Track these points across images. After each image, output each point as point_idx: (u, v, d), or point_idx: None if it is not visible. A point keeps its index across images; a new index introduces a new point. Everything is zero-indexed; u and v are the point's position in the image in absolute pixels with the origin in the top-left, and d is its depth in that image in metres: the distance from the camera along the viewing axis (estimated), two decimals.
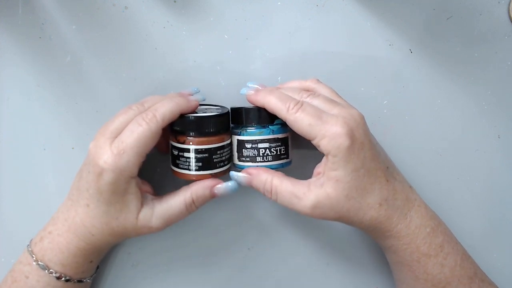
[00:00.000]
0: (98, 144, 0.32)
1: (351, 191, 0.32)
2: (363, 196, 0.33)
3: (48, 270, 0.34)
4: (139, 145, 0.32)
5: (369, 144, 0.33)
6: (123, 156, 0.31)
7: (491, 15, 0.43)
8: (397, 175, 0.35)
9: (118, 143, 0.32)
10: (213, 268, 0.41)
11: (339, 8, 0.43)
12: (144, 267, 0.41)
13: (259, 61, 0.42)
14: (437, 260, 0.34)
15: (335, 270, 0.41)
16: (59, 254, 0.34)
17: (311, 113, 0.32)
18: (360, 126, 0.32)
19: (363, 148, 0.32)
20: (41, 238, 0.35)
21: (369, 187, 0.33)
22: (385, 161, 0.35)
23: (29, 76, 0.41)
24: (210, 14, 0.42)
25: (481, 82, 0.43)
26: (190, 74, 0.42)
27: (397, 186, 0.34)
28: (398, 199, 0.34)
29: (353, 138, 0.31)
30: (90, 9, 0.42)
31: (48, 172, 0.41)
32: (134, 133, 0.32)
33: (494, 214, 0.42)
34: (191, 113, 0.35)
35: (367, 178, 0.32)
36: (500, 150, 0.43)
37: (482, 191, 0.42)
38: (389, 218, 0.33)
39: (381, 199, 0.33)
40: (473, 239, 0.41)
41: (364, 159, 0.32)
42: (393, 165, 0.36)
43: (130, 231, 0.34)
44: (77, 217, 0.34)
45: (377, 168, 0.33)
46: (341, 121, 0.32)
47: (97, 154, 0.32)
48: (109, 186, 0.32)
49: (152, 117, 0.32)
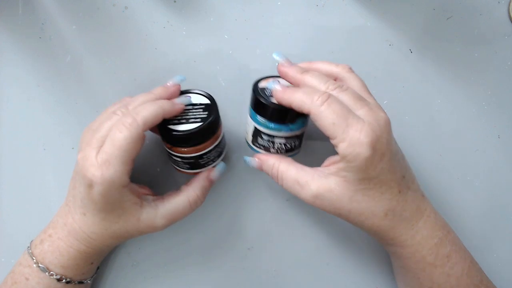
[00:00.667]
0: (85, 155, 0.31)
1: (356, 195, 0.31)
2: (368, 203, 0.31)
3: (49, 272, 0.34)
4: (123, 154, 0.30)
5: (389, 154, 0.31)
6: (110, 168, 0.30)
7: (491, 15, 0.43)
8: (412, 184, 0.33)
9: (102, 155, 0.31)
10: (213, 268, 0.41)
11: (339, 8, 0.43)
12: (144, 267, 0.41)
13: (259, 61, 0.42)
14: (443, 269, 0.33)
15: (335, 270, 0.41)
16: (60, 257, 0.34)
17: (336, 111, 0.30)
18: (384, 135, 0.30)
19: (382, 160, 0.30)
20: (41, 240, 0.35)
21: (378, 196, 0.31)
22: (403, 169, 0.33)
23: (29, 76, 0.41)
24: (210, 14, 0.42)
25: (481, 82, 0.43)
26: (190, 74, 0.42)
27: (409, 197, 0.32)
28: (407, 210, 0.32)
29: (374, 149, 0.29)
30: (90, 9, 0.42)
31: (48, 172, 0.41)
32: (116, 141, 0.30)
33: (494, 214, 0.42)
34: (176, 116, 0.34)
35: (378, 188, 0.31)
36: (500, 150, 0.43)
37: (482, 191, 0.42)
38: (393, 228, 0.32)
39: (388, 209, 0.32)
40: (473, 239, 0.41)
41: (381, 170, 0.30)
42: (410, 172, 0.34)
43: (133, 233, 0.34)
44: (75, 224, 0.34)
45: (392, 179, 0.31)
46: (367, 129, 0.29)
47: (85, 167, 0.31)
48: (101, 197, 0.31)
49: (133, 122, 0.31)
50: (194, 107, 0.35)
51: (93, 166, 0.30)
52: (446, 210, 0.41)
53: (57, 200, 0.41)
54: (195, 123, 0.33)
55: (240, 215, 0.41)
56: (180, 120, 0.34)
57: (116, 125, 0.31)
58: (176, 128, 0.33)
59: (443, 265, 0.33)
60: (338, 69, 0.35)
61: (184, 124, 0.33)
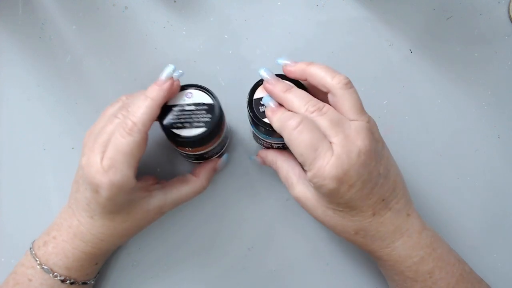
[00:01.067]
0: (89, 161, 0.31)
1: (327, 210, 0.32)
2: (339, 220, 0.32)
3: (53, 273, 0.34)
4: (128, 158, 0.31)
5: (360, 184, 0.30)
6: (116, 173, 0.30)
7: (491, 15, 0.43)
8: (395, 203, 0.33)
9: (107, 161, 0.30)
10: (213, 268, 0.41)
11: (339, 8, 0.43)
12: (144, 267, 0.41)
13: (259, 61, 0.42)
14: (425, 284, 0.33)
15: (335, 270, 0.41)
16: (64, 259, 0.34)
17: (306, 140, 0.29)
18: (355, 167, 0.29)
19: (350, 190, 0.30)
20: (44, 242, 0.35)
21: (348, 218, 0.32)
22: (384, 191, 0.32)
23: (29, 76, 0.41)
24: (210, 14, 0.42)
25: (481, 82, 0.43)
26: (190, 74, 0.42)
27: (386, 219, 0.32)
28: (381, 231, 0.32)
29: (340, 182, 0.29)
30: (90, 9, 0.42)
31: (48, 172, 0.41)
32: (119, 147, 0.30)
33: (494, 214, 0.42)
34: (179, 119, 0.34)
35: (348, 211, 0.31)
36: (500, 150, 0.43)
37: (482, 191, 0.42)
38: (366, 245, 0.33)
39: (358, 229, 0.32)
40: (473, 239, 0.41)
41: (349, 199, 0.30)
42: (397, 190, 0.33)
43: (143, 225, 0.36)
44: (82, 227, 0.34)
45: (364, 205, 0.31)
46: (333, 162, 0.29)
47: (91, 173, 0.31)
48: (110, 202, 0.31)
49: (133, 126, 0.31)
50: (197, 108, 0.34)
51: (98, 173, 0.30)
52: (446, 210, 0.41)
53: (57, 200, 0.41)
54: (198, 128, 0.34)
55: (241, 215, 0.41)
56: (184, 124, 0.34)
57: (117, 130, 0.31)
58: (180, 133, 0.33)
59: (425, 280, 0.33)
60: (332, 83, 0.32)
61: (187, 129, 0.34)
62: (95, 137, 0.32)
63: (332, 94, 0.32)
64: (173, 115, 0.34)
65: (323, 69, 0.32)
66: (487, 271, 0.36)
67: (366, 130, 0.30)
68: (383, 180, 0.32)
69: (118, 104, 0.35)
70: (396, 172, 0.33)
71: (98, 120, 0.35)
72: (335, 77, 0.32)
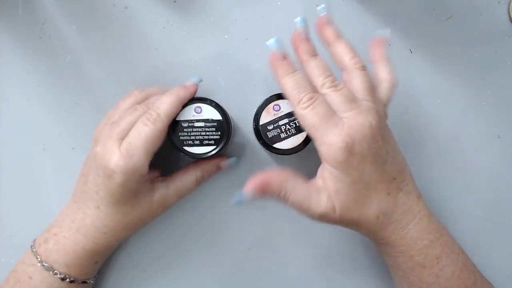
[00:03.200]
0: (106, 147, 0.32)
1: (350, 203, 0.32)
2: (361, 209, 0.32)
3: (53, 271, 0.34)
4: (148, 145, 0.32)
5: (372, 157, 0.31)
6: (134, 157, 0.32)
7: (491, 15, 0.43)
8: (405, 185, 0.34)
9: (127, 145, 0.32)
10: (213, 268, 0.41)
11: (339, 8, 0.43)
12: (144, 267, 0.41)
13: (259, 61, 0.42)
14: (432, 270, 0.33)
15: (335, 270, 0.41)
16: (65, 256, 0.34)
17: (319, 114, 0.31)
18: (366, 138, 0.30)
19: (362, 161, 0.31)
20: (45, 239, 0.35)
21: (367, 200, 0.32)
22: (394, 171, 0.33)
23: (29, 76, 0.41)
24: (210, 14, 0.42)
25: (481, 82, 0.43)
26: (190, 74, 0.42)
27: (399, 199, 0.33)
28: (397, 212, 0.33)
29: (351, 152, 0.30)
30: (90, 9, 0.42)
31: (48, 172, 0.41)
32: (142, 134, 0.32)
33: (494, 214, 0.42)
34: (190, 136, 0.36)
35: (365, 191, 0.32)
36: (500, 150, 0.43)
37: (482, 191, 0.42)
38: (383, 230, 0.33)
39: (378, 212, 0.32)
40: (473, 239, 0.41)
41: (363, 172, 0.31)
42: (405, 174, 0.34)
43: (146, 219, 0.36)
44: (87, 219, 0.34)
45: (378, 181, 0.32)
46: (345, 133, 0.30)
47: (106, 157, 0.32)
48: (121, 187, 0.32)
49: (157, 117, 0.33)
50: (206, 125, 0.36)
51: (115, 156, 0.32)
52: (446, 210, 0.41)
53: (57, 200, 0.41)
54: (208, 146, 0.36)
55: (240, 215, 0.41)
56: (194, 141, 0.36)
57: (141, 119, 0.33)
58: (191, 151, 0.36)
59: (432, 266, 0.33)
60: (350, 62, 0.34)
61: (198, 146, 0.36)
62: (112, 127, 0.34)
63: (347, 72, 0.34)
64: (184, 132, 0.35)
65: (347, 48, 0.34)
66: (487, 271, 0.36)
67: (375, 110, 0.32)
68: (392, 160, 0.33)
69: (130, 99, 0.37)
70: (402, 158, 0.34)
71: (111, 113, 0.36)
72: (354, 58, 0.34)
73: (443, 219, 0.36)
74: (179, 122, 0.35)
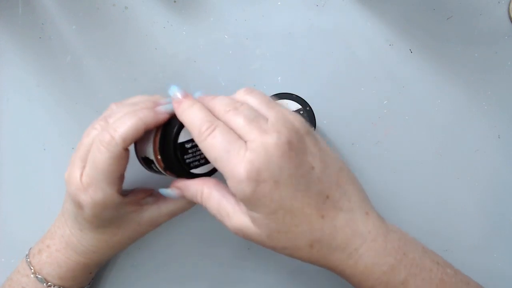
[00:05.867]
0: (70, 176, 0.30)
1: (272, 233, 0.27)
2: (287, 239, 0.27)
3: (47, 283, 0.34)
4: (107, 175, 0.29)
5: (288, 179, 0.26)
6: (97, 191, 0.29)
7: (491, 15, 0.43)
8: (346, 201, 0.28)
9: (86, 178, 0.29)
10: (213, 268, 0.41)
11: (339, 8, 0.43)
12: (144, 267, 0.41)
13: (259, 61, 0.42)
14: None
15: None
16: (58, 269, 0.34)
17: (219, 143, 0.26)
18: (274, 160, 0.26)
19: (276, 187, 0.26)
20: (39, 250, 0.35)
21: (294, 229, 0.27)
22: (326, 188, 0.28)
23: (29, 76, 0.41)
24: (210, 14, 0.42)
25: (481, 82, 0.43)
26: (190, 74, 0.42)
27: (338, 221, 0.28)
28: (337, 238, 0.28)
29: (258, 180, 0.25)
30: (90, 9, 0.42)
31: (48, 172, 0.41)
32: (98, 164, 0.29)
33: (494, 214, 0.42)
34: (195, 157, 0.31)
35: (290, 220, 0.27)
36: (500, 150, 0.43)
37: (482, 191, 0.42)
38: (325, 259, 0.28)
39: (311, 240, 0.27)
40: (473, 239, 0.41)
41: (280, 199, 0.26)
42: (344, 186, 0.29)
43: (135, 237, 0.35)
44: (73, 237, 0.34)
45: (303, 205, 0.27)
46: (246, 160, 0.26)
47: (72, 189, 0.30)
48: (95, 218, 0.31)
49: (110, 140, 0.28)
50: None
51: (79, 190, 0.29)
52: (446, 210, 0.41)
53: (57, 200, 0.40)
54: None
55: None
56: (199, 160, 0.32)
57: (95, 143, 0.29)
58: (199, 172, 0.32)
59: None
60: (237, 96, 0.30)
61: (203, 166, 0.32)
62: (75, 151, 0.31)
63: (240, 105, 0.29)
64: (189, 154, 0.31)
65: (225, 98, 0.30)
66: (487, 271, 0.36)
67: (284, 120, 0.27)
68: (321, 175, 0.28)
69: (104, 114, 0.33)
70: (339, 166, 0.29)
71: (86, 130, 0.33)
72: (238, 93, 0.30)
73: (443, 219, 0.36)
74: (183, 144, 0.31)
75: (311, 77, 0.41)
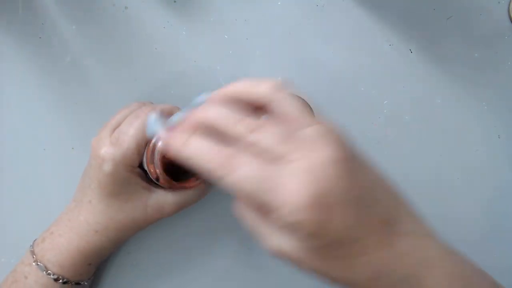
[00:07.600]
0: (99, 137, 0.33)
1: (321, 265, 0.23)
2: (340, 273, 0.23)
3: (46, 271, 0.34)
4: (138, 134, 0.32)
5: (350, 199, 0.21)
6: (123, 144, 0.32)
7: (491, 15, 0.43)
8: (408, 223, 0.24)
9: (117, 133, 0.33)
10: (213, 267, 0.41)
11: (339, 8, 0.43)
12: (144, 267, 0.41)
13: (259, 61, 0.42)
14: None
15: None
16: (58, 255, 0.34)
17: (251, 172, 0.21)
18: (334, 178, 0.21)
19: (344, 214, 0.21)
20: (43, 238, 0.35)
21: (351, 263, 0.22)
22: (383, 212, 0.23)
23: (29, 76, 0.41)
24: (210, 14, 0.42)
25: (481, 82, 0.43)
26: (190, 74, 0.42)
27: (404, 246, 0.23)
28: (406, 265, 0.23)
29: (324, 206, 0.20)
30: (90, 9, 0.42)
31: (48, 172, 0.41)
32: (133, 123, 0.33)
33: (494, 214, 0.42)
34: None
35: (348, 251, 0.22)
36: (500, 150, 0.43)
37: (482, 191, 0.42)
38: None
39: (370, 273, 0.23)
40: (473, 239, 0.41)
41: (343, 228, 0.21)
42: (400, 207, 0.24)
43: (139, 222, 0.35)
44: (81, 216, 0.34)
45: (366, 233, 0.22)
46: (302, 180, 0.20)
47: (98, 146, 0.33)
48: (110, 176, 0.32)
49: (152, 110, 0.33)
50: None
51: (105, 145, 0.32)
52: (446, 210, 0.41)
53: (57, 200, 0.40)
54: None
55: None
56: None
57: (134, 112, 0.34)
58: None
59: None
60: (264, 91, 0.24)
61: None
62: (107, 122, 0.35)
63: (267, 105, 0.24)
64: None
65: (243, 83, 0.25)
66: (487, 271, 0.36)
67: (331, 133, 0.22)
68: (377, 194, 0.24)
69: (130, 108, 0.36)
70: (389, 183, 0.25)
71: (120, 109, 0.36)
72: (262, 84, 0.24)
73: (443, 219, 0.36)
74: None
75: (311, 77, 0.41)
